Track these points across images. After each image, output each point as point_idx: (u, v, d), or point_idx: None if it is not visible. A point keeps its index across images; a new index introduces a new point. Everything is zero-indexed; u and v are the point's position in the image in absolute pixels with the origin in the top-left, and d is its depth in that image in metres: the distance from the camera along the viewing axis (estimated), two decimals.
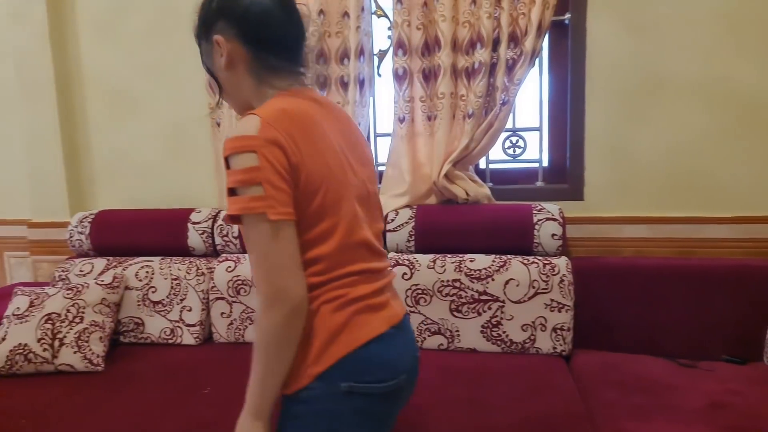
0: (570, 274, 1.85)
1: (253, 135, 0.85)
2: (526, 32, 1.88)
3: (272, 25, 0.97)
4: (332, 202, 0.92)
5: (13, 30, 2.37)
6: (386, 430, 1.01)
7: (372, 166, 1.09)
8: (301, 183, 0.89)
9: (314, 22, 2.02)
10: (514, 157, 2.19)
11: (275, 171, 0.85)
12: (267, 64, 0.98)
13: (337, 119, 1.02)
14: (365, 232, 0.99)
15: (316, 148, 0.91)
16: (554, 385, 1.63)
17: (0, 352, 1.78)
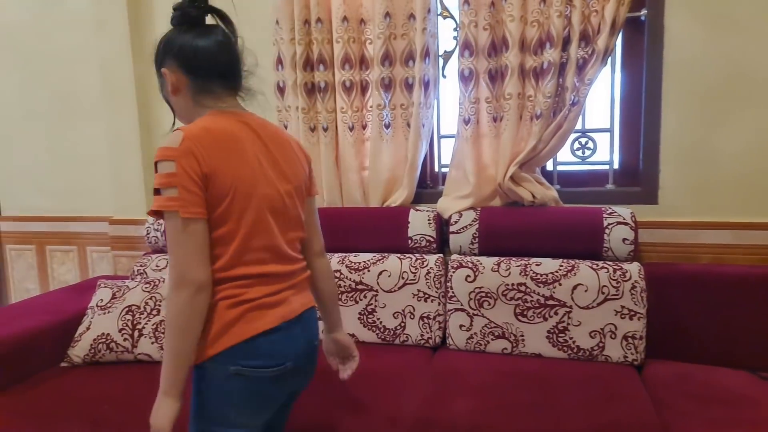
0: (643, 281, 1.78)
1: (175, 147, 1.04)
2: (598, 30, 1.82)
3: (206, 58, 1.15)
4: (237, 209, 1.10)
5: (97, 38, 2.53)
6: (272, 405, 1.19)
7: (297, 182, 1.23)
8: (211, 189, 1.06)
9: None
10: (583, 158, 2.13)
11: (189, 177, 1.03)
12: (203, 88, 1.16)
13: (263, 140, 1.18)
14: (272, 238, 1.16)
15: (229, 162, 1.09)
16: (625, 395, 1.57)
17: (85, 341, 1.91)
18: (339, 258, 2.07)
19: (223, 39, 1.18)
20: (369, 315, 2.00)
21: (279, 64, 2.21)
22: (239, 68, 1.22)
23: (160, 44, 1.19)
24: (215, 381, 1.11)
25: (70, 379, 1.82)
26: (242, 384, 1.11)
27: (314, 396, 1.61)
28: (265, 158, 1.16)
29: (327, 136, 2.19)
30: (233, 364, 1.10)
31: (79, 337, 1.92)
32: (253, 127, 1.18)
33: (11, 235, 2.88)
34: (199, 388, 1.13)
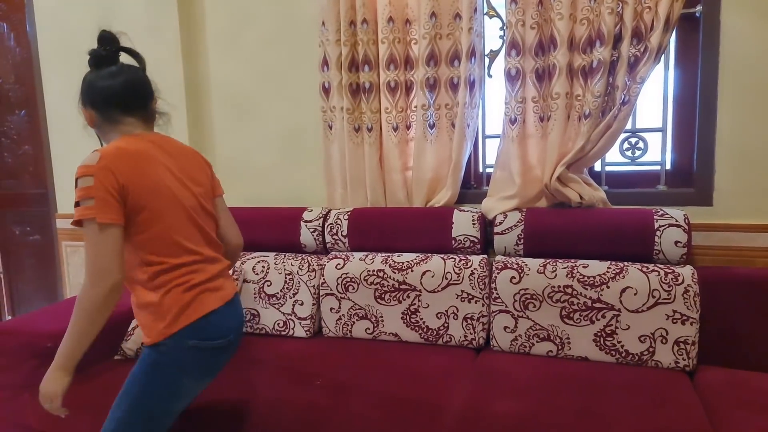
0: (696, 285, 1.73)
1: (92, 165, 1.24)
2: (652, 27, 1.78)
3: (110, 95, 1.36)
4: (159, 211, 1.30)
5: (149, 43, 2.60)
6: (214, 373, 1.43)
7: (204, 185, 1.47)
8: (131, 198, 1.26)
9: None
10: (633, 159, 2.08)
11: (105, 189, 1.22)
12: (111, 119, 1.38)
13: (170, 154, 1.40)
14: (196, 232, 1.39)
15: (143, 174, 1.29)
16: (676, 401, 1.53)
17: (137, 334, 1.97)
18: (382, 258, 2.08)
19: (128, 77, 1.39)
20: (412, 315, 2.01)
21: (324, 65, 2.24)
22: (143, 100, 1.41)
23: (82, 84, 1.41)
24: (174, 354, 1.32)
25: (123, 372, 1.87)
26: (195, 355, 1.35)
27: (357, 395, 1.62)
28: (176, 169, 1.39)
29: (371, 136, 2.20)
30: (191, 338, 1.32)
31: (132, 331, 1.99)
32: (160, 144, 1.40)
33: (67, 232, 3.00)
34: (155, 362, 1.32)
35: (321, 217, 2.26)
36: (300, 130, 2.47)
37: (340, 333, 2.11)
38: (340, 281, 2.08)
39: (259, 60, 2.51)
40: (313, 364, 1.84)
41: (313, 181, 2.46)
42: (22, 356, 1.82)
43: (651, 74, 1.83)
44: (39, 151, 3.06)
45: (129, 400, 1.34)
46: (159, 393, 1.34)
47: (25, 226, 3.25)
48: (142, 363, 1.35)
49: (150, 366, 1.34)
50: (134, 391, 1.34)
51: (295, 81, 2.44)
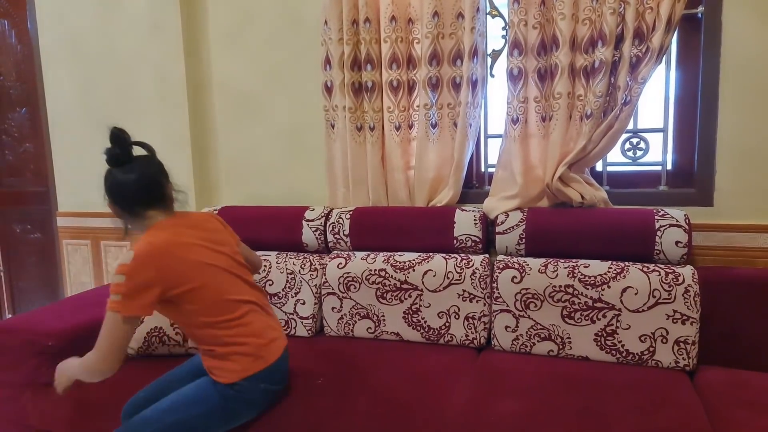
0: (696, 285, 1.73)
1: (126, 264, 1.39)
2: (653, 28, 1.79)
3: (128, 194, 1.49)
4: (199, 285, 1.46)
5: (152, 40, 2.62)
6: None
7: (228, 244, 1.64)
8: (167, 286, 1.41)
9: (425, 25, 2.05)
10: (634, 159, 2.09)
11: (135, 287, 1.38)
12: (133, 212, 1.51)
13: (195, 227, 1.57)
14: (238, 284, 1.57)
15: (176, 261, 1.44)
16: (676, 401, 1.53)
17: (139, 333, 1.95)
18: (384, 257, 2.08)
19: (142, 172, 1.50)
20: (414, 314, 2.01)
21: (327, 64, 2.25)
22: (159, 191, 1.53)
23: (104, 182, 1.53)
24: (247, 394, 1.50)
25: (123, 371, 1.87)
26: (265, 398, 1.55)
27: (359, 395, 1.63)
28: (202, 240, 1.54)
29: (373, 135, 2.21)
30: (263, 382, 1.52)
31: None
32: (183, 224, 1.55)
33: (68, 231, 3.00)
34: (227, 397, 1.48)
35: (323, 216, 2.27)
36: (302, 129, 2.47)
37: (342, 332, 2.11)
38: (342, 280, 2.09)
39: (262, 59, 2.51)
40: (314, 364, 1.84)
41: (315, 180, 2.46)
42: (23, 355, 1.82)
43: (652, 75, 1.84)
44: (40, 149, 3.06)
45: (182, 416, 1.47)
46: (216, 419, 1.50)
47: (26, 224, 3.25)
48: (213, 392, 1.49)
49: (221, 399, 1.49)
50: (193, 410, 1.48)
51: (298, 80, 2.44)
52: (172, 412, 1.48)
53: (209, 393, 1.50)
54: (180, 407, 1.49)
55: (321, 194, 2.43)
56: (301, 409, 1.58)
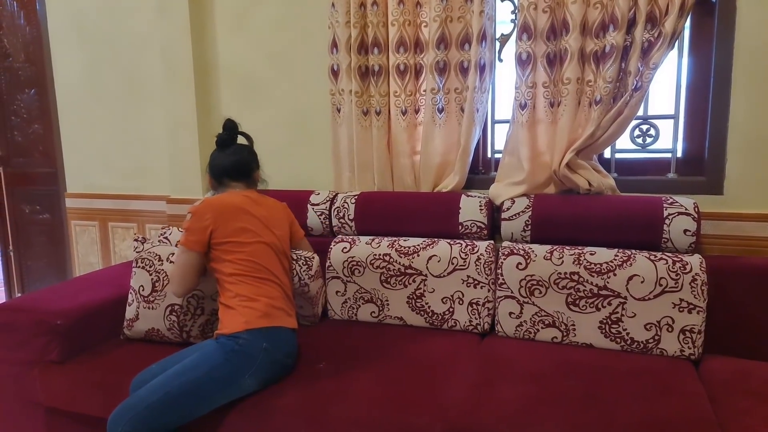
0: (704, 274, 1.72)
1: (196, 206, 1.72)
2: (666, 12, 1.75)
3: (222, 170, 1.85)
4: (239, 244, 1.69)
5: (159, 23, 2.61)
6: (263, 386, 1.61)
7: (282, 233, 1.85)
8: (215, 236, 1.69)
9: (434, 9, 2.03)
10: (643, 146, 2.06)
11: (196, 225, 1.68)
12: (222, 183, 1.87)
13: (262, 206, 1.82)
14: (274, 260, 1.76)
15: (230, 219, 1.71)
16: (680, 389, 1.53)
17: (137, 330, 1.95)
18: (389, 242, 2.08)
19: (239, 157, 1.86)
20: (417, 299, 2.01)
21: (333, 47, 2.23)
22: (247, 174, 1.87)
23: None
24: (248, 349, 1.56)
25: (128, 351, 1.91)
26: (266, 359, 1.58)
27: (361, 378, 1.63)
28: (262, 217, 1.78)
29: (380, 119, 2.19)
30: (265, 340, 1.59)
31: (131, 324, 1.96)
32: (254, 199, 1.81)
33: (76, 212, 3.03)
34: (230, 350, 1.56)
35: (328, 200, 2.26)
36: (308, 112, 2.46)
37: (346, 316, 2.12)
38: (347, 264, 2.09)
39: (268, 41, 2.49)
40: (317, 347, 1.85)
41: (320, 165, 2.46)
42: (32, 333, 1.85)
43: (664, 60, 1.80)
44: (49, 130, 3.08)
45: (186, 378, 1.51)
46: (219, 379, 1.53)
47: (35, 205, 3.28)
48: (215, 349, 1.58)
49: (223, 353, 1.56)
50: (197, 371, 1.53)
51: (304, 63, 2.43)
52: (177, 376, 1.52)
53: (212, 352, 1.57)
54: (184, 371, 1.53)
55: (326, 178, 2.43)
56: (303, 391, 1.59)
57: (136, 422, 1.46)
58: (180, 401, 1.50)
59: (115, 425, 1.46)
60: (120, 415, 1.47)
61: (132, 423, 1.45)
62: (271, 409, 1.55)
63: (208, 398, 1.53)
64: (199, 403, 1.53)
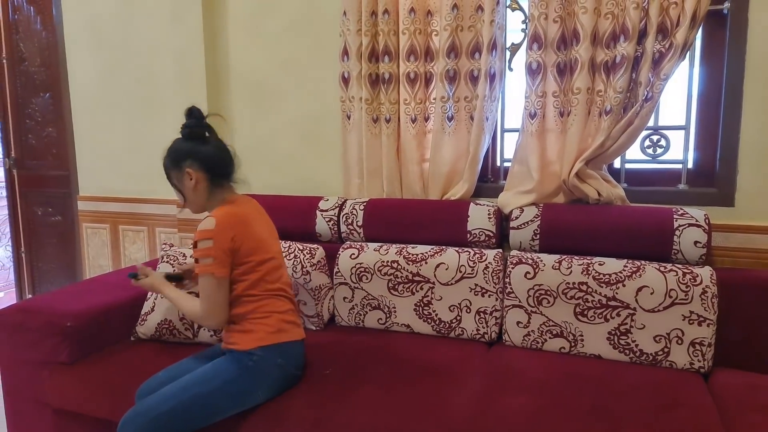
0: (714, 286, 1.70)
1: (211, 229, 1.53)
2: (677, 23, 1.75)
3: (219, 163, 1.64)
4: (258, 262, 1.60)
5: (172, 29, 2.64)
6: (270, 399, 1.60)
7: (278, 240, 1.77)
8: (238, 255, 1.57)
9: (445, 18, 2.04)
10: (653, 157, 2.05)
11: (221, 250, 1.53)
12: (216, 183, 1.64)
13: (260, 214, 1.74)
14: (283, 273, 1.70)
15: (249, 234, 1.59)
16: (690, 403, 1.51)
17: (149, 324, 1.98)
18: (397, 249, 2.08)
19: (230, 151, 1.68)
20: (425, 307, 2.01)
21: (345, 55, 2.24)
22: (234, 168, 1.68)
23: (176, 151, 1.64)
24: (262, 365, 1.56)
25: (138, 352, 1.92)
26: (279, 375, 1.59)
27: (368, 388, 1.63)
28: (265, 227, 1.71)
29: (389, 127, 2.20)
30: (279, 357, 1.59)
31: (145, 317, 2.01)
32: (253, 207, 1.72)
33: (88, 214, 3.06)
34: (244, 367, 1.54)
35: (337, 206, 2.27)
36: (318, 119, 2.47)
37: (353, 322, 2.12)
38: (354, 271, 2.09)
39: (280, 49, 2.51)
40: (324, 353, 1.85)
41: (330, 171, 2.47)
42: (43, 334, 1.86)
43: (675, 71, 1.80)
44: (62, 134, 3.12)
45: (199, 390, 1.52)
46: (232, 393, 1.54)
47: (47, 207, 3.32)
48: (229, 364, 1.57)
49: (237, 369, 1.55)
50: (210, 385, 1.52)
51: (315, 70, 2.44)
52: (190, 387, 1.52)
53: (225, 366, 1.56)
54: (196, 383, 1.53)
55: (335, 185, 2.44)
56: (308, 397, 1.59)
57: (146, 429, 1.47)
58: (190, 412, 1.50)
59: (125, 431, 1.48)
60: (130, 420, 1.48)
61: (142, 429, 1.46)
62: (277, 416, 1.55)
63: (219, 410, 1.54)
64: (209, 414, 1.53)
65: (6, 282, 3.94)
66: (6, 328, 1.93)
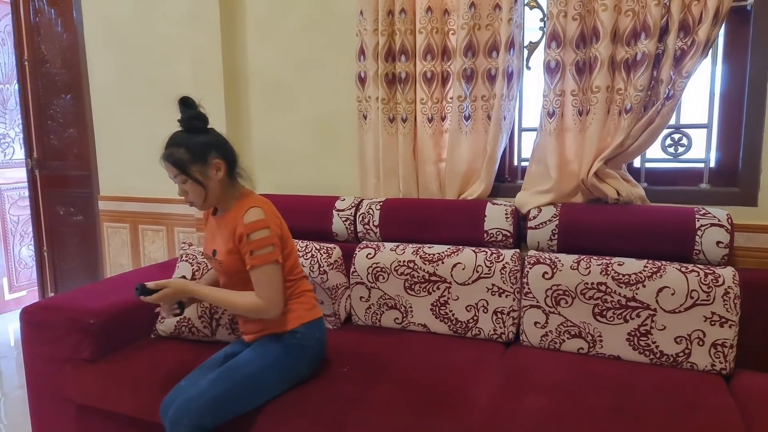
0: (737, 287, 1.68)
1: (263, 219, 1.57)
2: (700, 20, 1.72)
3: (233, 154, 1.66)
4: (290, 249, 1.70)
5: (190, 30, 2.66)
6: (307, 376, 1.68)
7: None
8: (282, 239, 1.63)
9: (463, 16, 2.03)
10: (675, 156, 2.03)
11: (276, 237, 1.60)
12: (231, 175, 1.65)
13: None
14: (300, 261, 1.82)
15: (282, 223, 1.68)
16: (711, 405, 1.49)
17: (169, 321, 2.00)
18: (413, 249, 2.08)
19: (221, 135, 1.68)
20: (441, 307, 2.01)
21: (361, 54, 2.24)
22: None
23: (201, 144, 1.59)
24: (305, 341, 1.64)
25: (158, 350, 1.95)
26: (318, 348, 1.69)
27: (384, 384, 1.64)
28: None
29: (406, 127, 2.20)
30: (318, 331, 1.69)
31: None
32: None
33: (108, 214, 3.10)
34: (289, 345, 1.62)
35: (353, 206, 2.28)
36: (335, 119, 2.48)
37: (369, 322, 2.12)
38: (371, 270, 2.10)
39: (297, 48, 2.52)
40: (341, 351, 1.86)
41: (346, 171, 2.47)
42: (65, 331, 1.90)
43: (697, 68, 1.77)
44: (84, 134, 3.17)
45: (248, 370, 1.56)
46: (281, 370, 1.59)
47: (69, 207, 3.37)
48: (273, 344, 1.62)
49: (282, 347, 1.61)
50: (257, 364, 1.57)
51: (332, 70, 2.45)
52: (236, 370, 1.56)
53: (270, 347, 1.61)
54: (244, 365, 1.57)
55: (351, 184, 2.44)
56: (325, 395, 1.60)
57: (200, 413, 1.49)
58: (242, 393, 1.54)
59: (179, 417, 1.49)
60: (182, 408, 1.49)
61: (197, 414, 1.48)
62: (294, 412, 1.56)
63: (269, 389, 1.58)
64: (260, 394, 1.57)
65: (29, 280, 4.01)
66: (30, 325, 1.97)
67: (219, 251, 1.65)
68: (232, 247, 1.60)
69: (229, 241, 1.61)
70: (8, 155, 3.94)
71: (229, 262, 1.62)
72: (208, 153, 1.58)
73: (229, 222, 1.62)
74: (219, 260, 1.65)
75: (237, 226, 1.58)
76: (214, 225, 1.72)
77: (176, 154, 1.58)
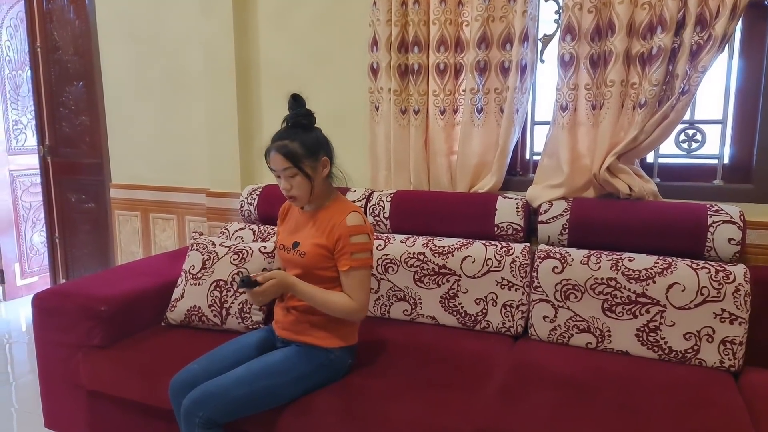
0: (747, 284, 1.67)
1: (364, 225, 1.61)
2: (717, 14, 1.70)
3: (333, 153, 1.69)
4: None
5: (202, 22, 2.66)
6: None
7: None
8: None
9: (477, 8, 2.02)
10: (688, 151, 2.01)
11: (373, 243, 1.64)
12: (331, 174, 1.69)
13: None
14: None
15: None
16: (719, 402, 1.49)
17: (179, 310, 2.01)
18: (423, 241, 2.08)
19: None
20: (451, 299, 2.01)
21: (374, 45, 2.24)
22: None
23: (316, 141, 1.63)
24: (337, 364, 1.63)
25: (168, 337, 1.97)
26: (344, 373, 1.66)
27: (392, 379, 1.65)
28: None
29: (417, 118, 2.20)
30: (351, 358, 1.68)
31: (175, 303, 2.04)
32: None
33: (120, 202, 3.12)
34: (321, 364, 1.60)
35: (364, 197, 2.28)
36: (346, 110, 2.48)
37: (378, 313, 2.13)
38: (381, 262, 2.10)
39: (309, 39, 2.52)
40: None
41: (356, 162, 2.47)
42: (77, 318, 1.92)
43: (714, 63, 1.76)
44: (95, 122, 3.18)
45: (273, 381, 1.55)
46: (306, 388, 1.59)
47: (80, 194, 3.40)
48: (304, 359, 1.60)
49: (311, 365, 1.60)
50: (284, 377, 1.56)
51: (344, 61, 2.45)
52: (261, 377, 1.55)
53: (300, 362, 1.60)
54: (271, 374, 1.56)
55: (362, 176, 2.44)
56: (335, 388, 1.61)
57: (218, 410, 1.50)
58: (261, 399, 1.54)
59: (196, 408, 1.49)
60: (203, 401, 1.50)
61: (214, 410, 1.49)
62: (305, 406, 1.57)
63: (286, 398, 1.58)
64: (277, 401, 1.57)
65: (40, 267, 4.05)
66: (42, 311, 2.00)
67: (303, 244, 1.64)
68: (323, 243, 1.61)
69: (321, 236, 1.62)
70: (20, 141, 3.97)
71: (313, 255, 1.61)
72: (319, 150, 1.62)
73: (326, 219, 1.63)
74: (302, 251, 1.63)
75: (336, 226, 1.59)
76: (301, 219, 1.71)
77: (290, 147, 1.58)
